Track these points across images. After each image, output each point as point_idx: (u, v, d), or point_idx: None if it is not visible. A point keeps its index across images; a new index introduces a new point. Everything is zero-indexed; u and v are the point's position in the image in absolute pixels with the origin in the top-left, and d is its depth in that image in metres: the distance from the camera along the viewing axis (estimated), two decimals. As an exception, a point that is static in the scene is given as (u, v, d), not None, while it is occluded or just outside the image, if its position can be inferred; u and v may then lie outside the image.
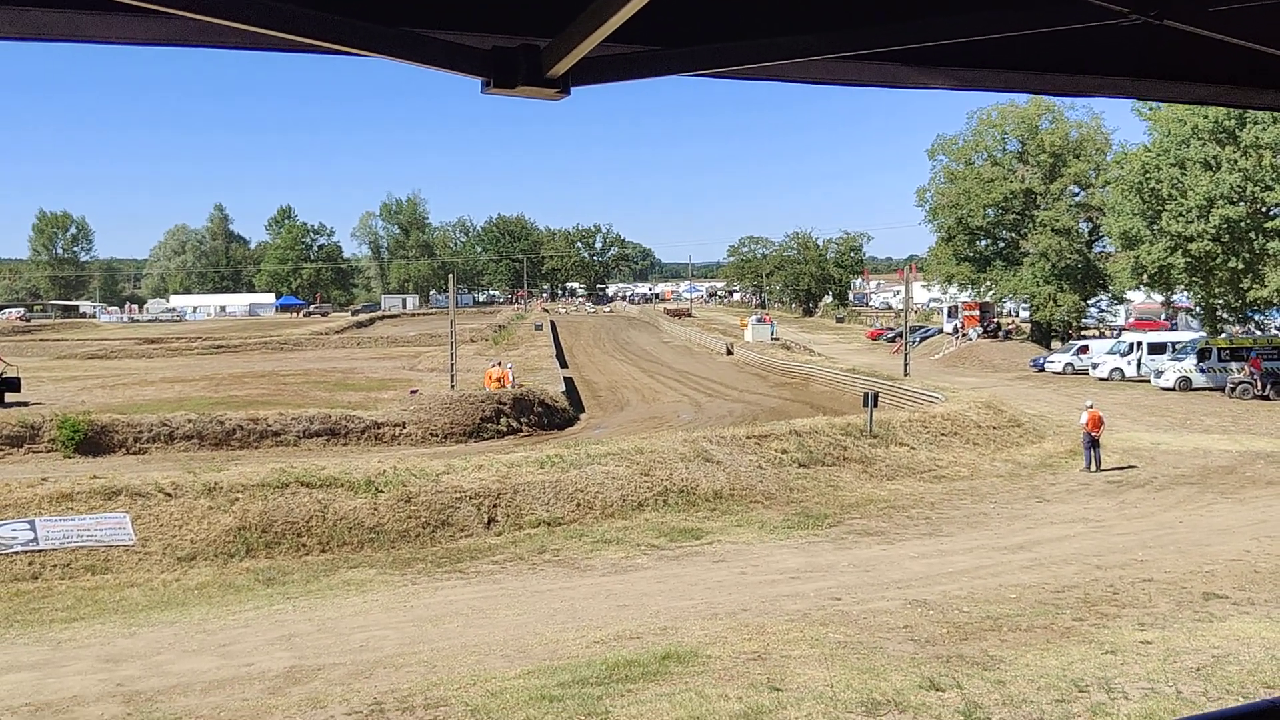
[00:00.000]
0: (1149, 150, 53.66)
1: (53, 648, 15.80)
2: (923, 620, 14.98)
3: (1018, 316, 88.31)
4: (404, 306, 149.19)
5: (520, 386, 43.03)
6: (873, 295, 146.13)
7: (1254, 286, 51.42)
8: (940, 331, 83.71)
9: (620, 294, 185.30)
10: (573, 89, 1.72)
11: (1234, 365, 49.31)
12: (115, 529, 21.19)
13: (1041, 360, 63.26)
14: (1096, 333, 75.63)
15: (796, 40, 1.86)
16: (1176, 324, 75.07)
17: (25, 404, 41.83)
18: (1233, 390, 47.54)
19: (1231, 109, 39.30)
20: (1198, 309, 62.66)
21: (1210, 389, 49.00)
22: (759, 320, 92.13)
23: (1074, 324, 73.44)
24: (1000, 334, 77.82)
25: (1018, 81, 2.54)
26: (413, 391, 43.84)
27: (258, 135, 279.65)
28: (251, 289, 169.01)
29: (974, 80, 2.47)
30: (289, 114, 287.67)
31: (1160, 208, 52.24)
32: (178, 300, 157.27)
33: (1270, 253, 50.00)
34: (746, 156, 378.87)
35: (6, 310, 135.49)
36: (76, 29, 1.66)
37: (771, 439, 29.31)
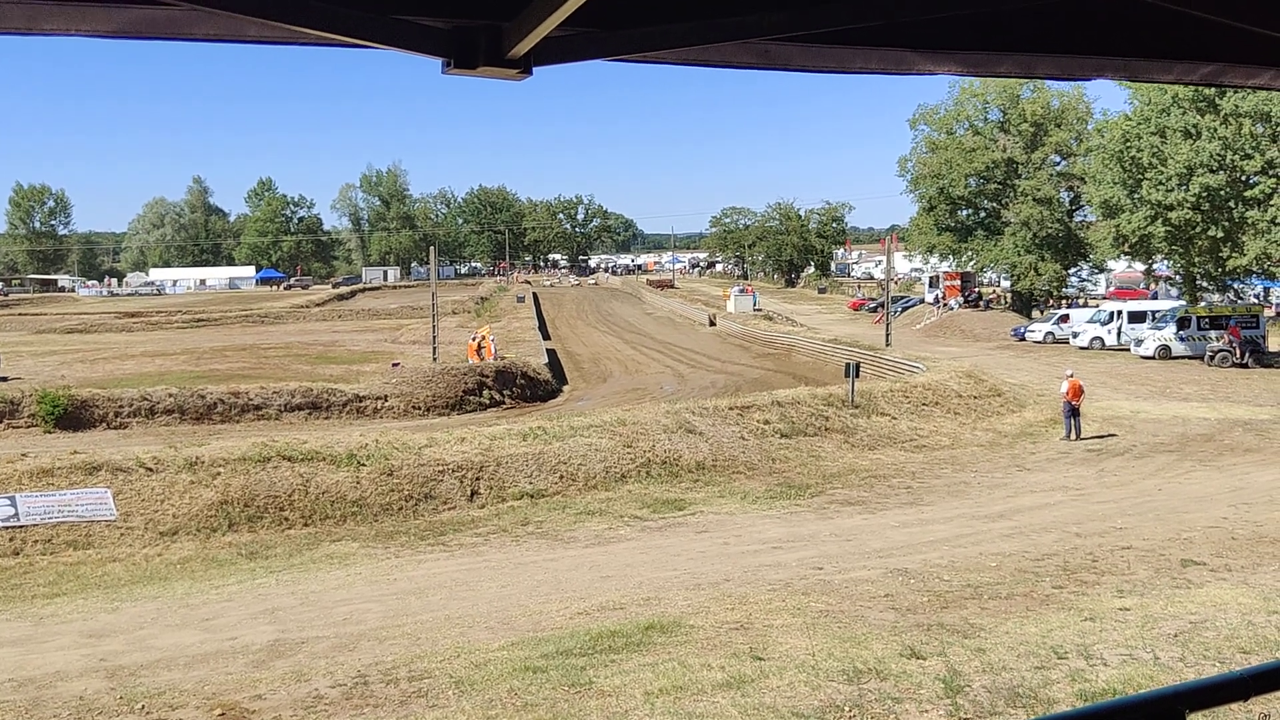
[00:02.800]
0: (1129, 119, 53.71)
1: (35, 623, 15.78)
2: (904, 589, 15.07)
3: (999, 286, 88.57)
4: (385, 279, 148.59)
5: (503, 359, 42.99)
6: (854, 266, 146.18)
7: (1233, 255, 51.63)
8: (922, 301, 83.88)
9: (603, 265, 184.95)
10: (535, 69, 1.70)
11: (1213, 333, 49.56)
12: (97, 504, 21.13)
13: (1022, 329, 63.45)
14: (1067, 301, 75.71)
15: (767, 17, 1.84)
16: (1156, 293, 75.38)
17: (4, 379, 41.59)
18: (1212, 358, 47.81)
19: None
20: (1178, 277, 62.92)
21: (1190, 357, 49.26)
22: (741, 291, 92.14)
23: (1054, 293, 73.67)
24: (981, 304, 78.02)
25: (1021, 64, 2.54)
26: (395, 364, 43.76)
27: (236, 106, 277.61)
28: (231, 262, 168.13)
29: (979, 64, 2.47)
30: (267, 84, 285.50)
31: (1141, 176, 52.34)
32: (157, 274, 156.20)
33: (1250, 221, 50.18)
34: (728, 126, 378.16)
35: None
36: (34, 20, 1.61)
37: (754, 410, 29.38)
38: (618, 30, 1.74)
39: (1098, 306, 64.76)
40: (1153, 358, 50.13)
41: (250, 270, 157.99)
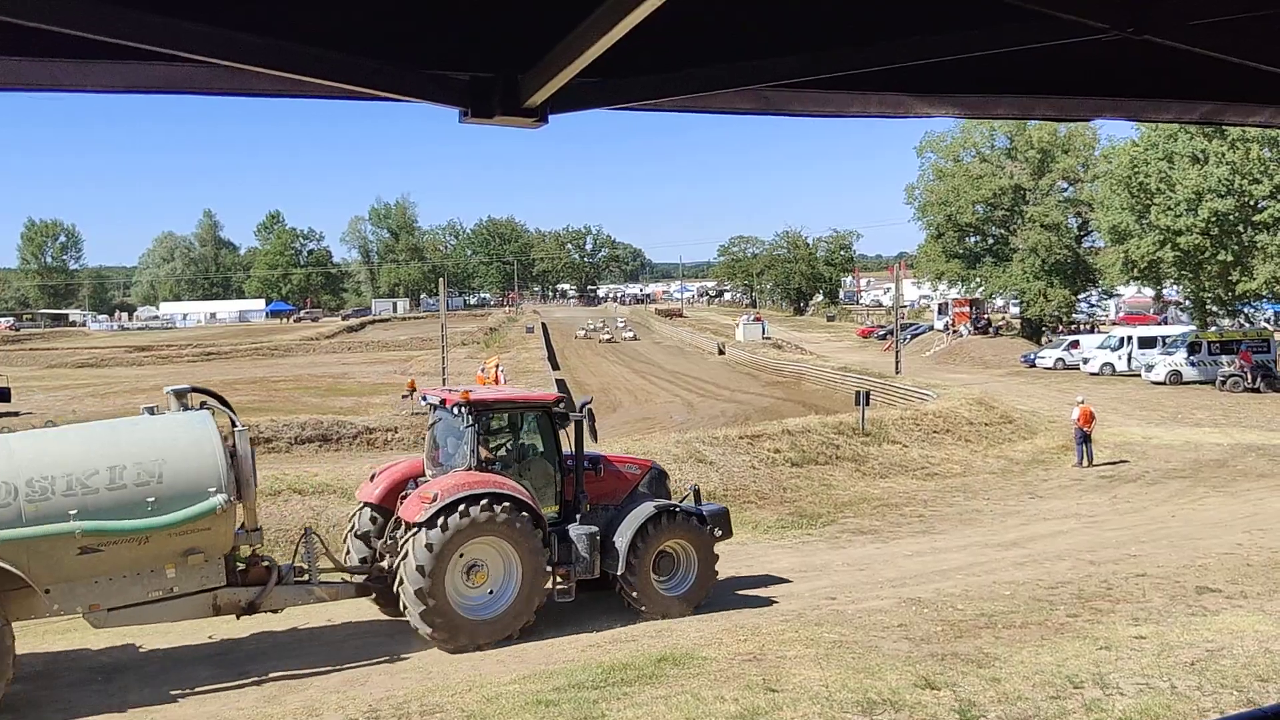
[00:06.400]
0: (1137, 145, 53.83)
1: (48, 661, 15.75)
2: (917, 618, 14.99)
3: (1008, 312, 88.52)
4: (394, 310, 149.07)
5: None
6: (863, 293, 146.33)
7: (1243, 279, 51.60)
8: (931, 328, 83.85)
9: (611, 295, 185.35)
10: (550, 117, 1.72)
11: (1224, 358, 49.45)
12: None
13: (1032, 356, 63.37)
14: (1074, 326, 75.47)
15: (781, 63, 1.86)
16: (1166, 318, 75.25)
17: (16, 414, 41.63)
18: (1223, 383, 47.67)
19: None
20: (1187, 302, 62.89)
21: (1201, 382, 49.15)
22: (750, 319, 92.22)
23: (1063, 319, 73.60)
24: (991, 330, 77.91)
25: (1018, 106, 2.56)
26: (405, 396, 43.77)
27: (245, 140, 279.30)
28: (241, 295, 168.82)
29: (976, 107, 2.50)
30: (277, 118, 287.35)
31: (1149, 202, 52.40)
32: (168, 307, 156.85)
33: (1259, 245, 50.17)
34: (736, 156, 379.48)
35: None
36: (55, 79, 1.63)
37: (764, 439, 29.31)
38: (630, 79, 1.77)
39: (1107, 332, 64.69)
40: (1164, 383, 50.02)
41: (260, 303, 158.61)
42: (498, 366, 46.47)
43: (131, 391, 53.40)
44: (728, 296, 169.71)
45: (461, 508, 14.62)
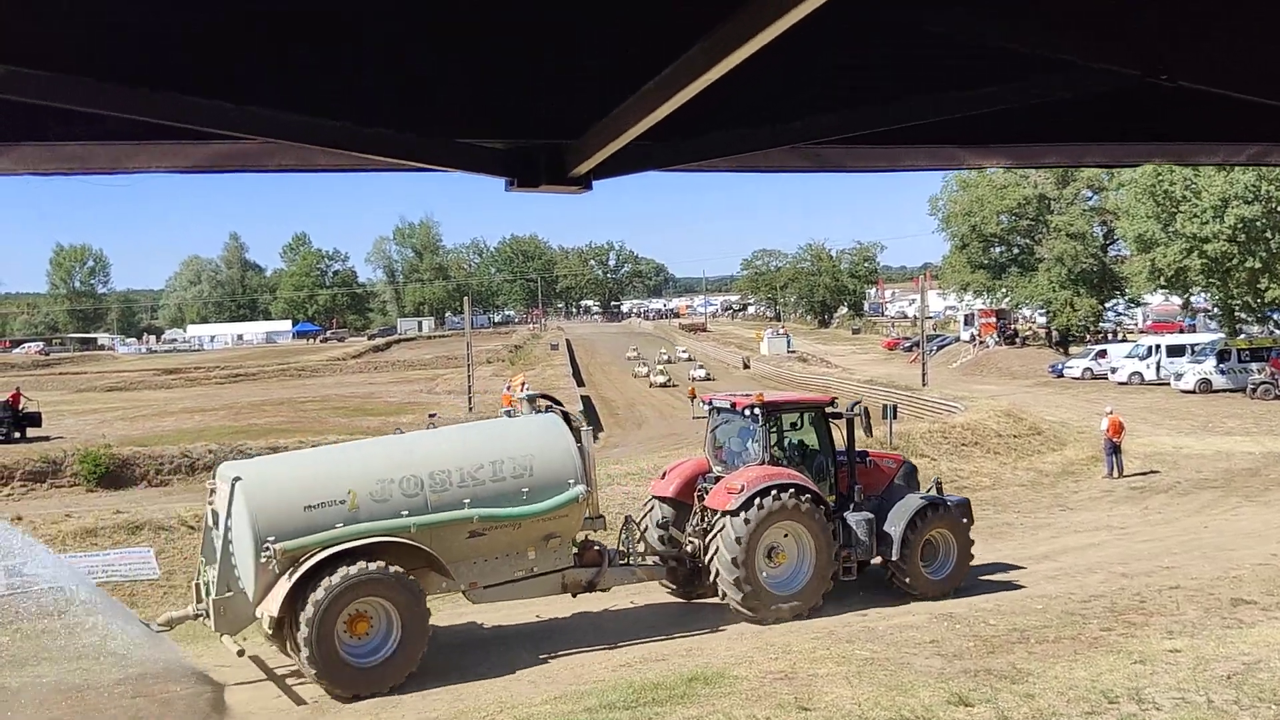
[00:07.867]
0: (1161, 152, 53.44)
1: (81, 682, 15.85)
2: (949, 634, 14.90)
3: (1034, 322, 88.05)
4: (420, 329, 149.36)
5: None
6: (888, 305, 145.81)
7: (1272, 286, 51.16)
8: (957, 340, 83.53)
9: (635, 310, 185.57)
10: (594, 183, 1.74)
11: (1254, 366, 49.03)
12: (140, 563, 21.27)
13: (1060, 366, 63.01)
14: (1100, 335, 74.93)
15: (823, 119, 1.88)
16: (1195, 324, 74.71)
17: (47, 438, 42.06)
18: (1254, 391, 47.24)
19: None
20: (1216, 310, 62.38)
21: (1231, 390, 48.70)
22: (775, 333, 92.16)
23: (1090, 329, 73.13)
24: (1018, 340, 77.51)
25: (1069, 155, 2.60)
26: (431, 416, 43.86)
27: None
28: (268, 317, 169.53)
29: (1026, 156, 2.54)
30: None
31: (1175, 209, 52.02)
32: (195, 330, 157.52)
33: (1287, 251, 49.74)
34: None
35: (26, 344, 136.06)
36: (118, 161, 1.64)
37: (791, 454, 29.18)
38: (675, 142, 1.78)
39: (1135, 341, 64.26)
40: (1193, 392, 49.61)
41: (287, 324, 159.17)
42: (523, 384, 46.54)
43: (160, 414, 53.83)
44: (751, 310, 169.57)
45: (766, 496, 16.45)
